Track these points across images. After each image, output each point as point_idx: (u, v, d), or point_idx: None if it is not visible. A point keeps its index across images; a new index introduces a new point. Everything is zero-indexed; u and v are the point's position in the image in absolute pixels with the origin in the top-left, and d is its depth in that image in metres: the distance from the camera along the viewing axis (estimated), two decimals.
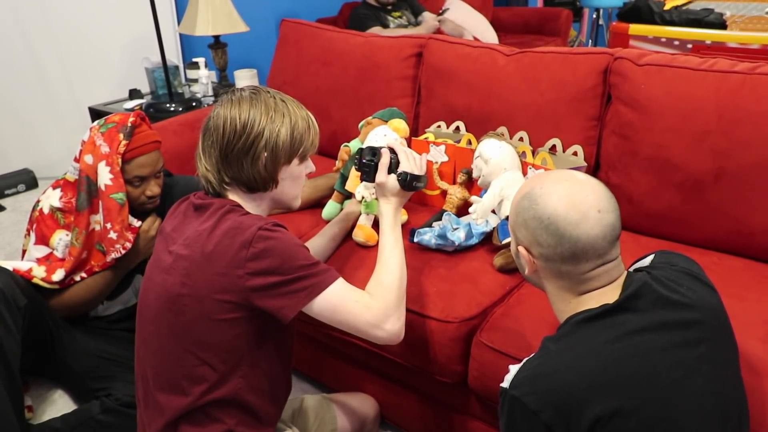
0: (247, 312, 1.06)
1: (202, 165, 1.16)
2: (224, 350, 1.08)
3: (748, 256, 1.53)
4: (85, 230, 1.60)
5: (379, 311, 1.11)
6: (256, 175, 1.14)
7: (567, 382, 0.84)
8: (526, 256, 0.97)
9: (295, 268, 1.06)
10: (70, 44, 3.10)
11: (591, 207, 0.90)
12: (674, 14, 3.00)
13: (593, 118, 1.71)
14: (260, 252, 1.04)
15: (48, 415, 1.69)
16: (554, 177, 0.96)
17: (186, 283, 1.07)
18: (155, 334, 1.12)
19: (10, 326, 1.47)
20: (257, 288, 1.04)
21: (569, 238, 0.90)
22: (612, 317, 0.89)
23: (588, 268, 0.92)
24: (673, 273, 0.97)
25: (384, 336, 1.12)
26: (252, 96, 1.15)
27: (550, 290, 0.99)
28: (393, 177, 1.27)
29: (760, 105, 1.45)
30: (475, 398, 1.41)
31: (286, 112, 1.15)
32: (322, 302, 1.08)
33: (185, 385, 1.09)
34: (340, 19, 3.36)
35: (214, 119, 1.14)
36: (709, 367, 0.87)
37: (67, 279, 1.62)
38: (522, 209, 0.96)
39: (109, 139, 1.57)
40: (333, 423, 1.38)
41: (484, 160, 1.56)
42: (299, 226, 1.78)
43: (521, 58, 1.83)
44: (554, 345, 0.90)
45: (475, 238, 1.56)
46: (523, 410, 0.84)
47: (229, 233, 1.06)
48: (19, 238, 2.67)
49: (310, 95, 2.29)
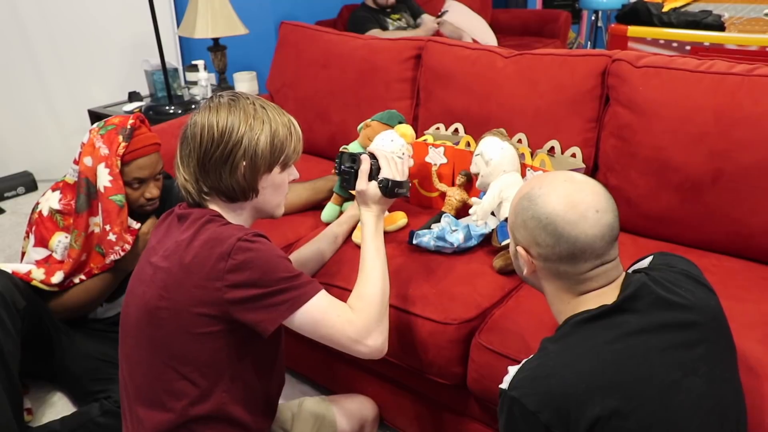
0: (226, 325, 1.04)
1: (181, 175, 1.13)
2: (204, 365, 1.05)
3: (746, 258, 1.53)
4: (85, 232, 1.60)
5: (360, 326, 1.08)
6: (235, 185, 1.10)
7: (566, 383, 0.84)
8: (525, 256, 0.97)
9: (276, 281, 1.03)
10: (69, 47, 3.10)
11: (589, 207, 0.91)
12: (672, 16, 3.01)
13: (592, 119, 1.71)
14: (239, 264, 1.01)
15: (47, 417, 1.69)
16: (553, 178, 0.96)
17: (164, 296, 1.05)
18: (135, 347, 1.10)
19: (9, 329, 1.47)
20: (236, 301, 1.02)
21: (567, 237, 0.90)
22: (611, 318, 0.89)
23: (586, 269, 0.93)
24: (672, 274, 0.97)
25: (366, 351, 1.09)
26: (230, 103, 1.11)
27: (549, 291, 1.00)
28: (374, 184, 1.23)
29: (757, 106, 1.45)
30: (475, 400, 1.41)
31: (265, 119, 1.11)
32: (304, 316, 1.05)
33: (166, 400, 1.06)
34: (339, 21, 3.36)
35: (191, 127, 1.11)
36: (707, 368, 0.87)
37: (66, 281, 1.63)
38: (521, 209, 0.96)
39: (109, 141, 1.57)
40: (332, 425, 1.38)
41: (485, 161, 1.56)
42: (298, 229, 1.78)
43: (520, 60, 1.83)
44: (553, 346, 0.91)
45: (474, 240, 1.56)
46: (523, 411, 0.84)
47: (208, 244, 1.03)
48: (19, 240, 2.68)
49: (310, 97, 2.30)
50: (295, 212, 1.85)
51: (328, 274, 1.54)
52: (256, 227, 1.15)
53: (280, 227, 1.76)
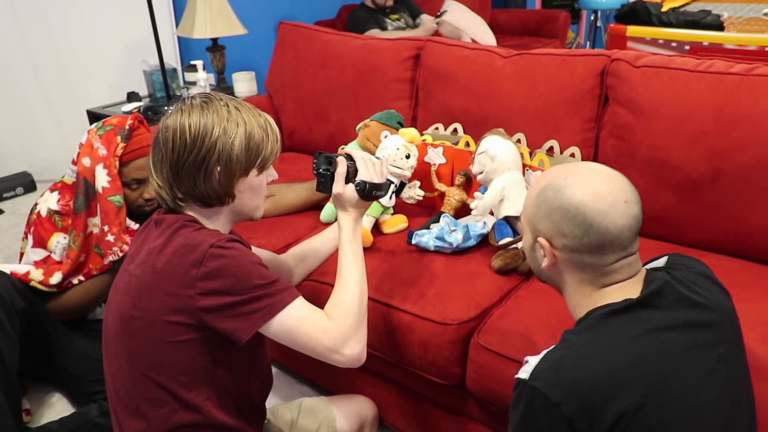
0: (201, 333, 1.01)
1: (154, 181, 1.09)
2: (181, 373, 1.03)
3: (745, 257, 1.54)
4: (83, 233, 1.60)
5: (336, 336, 1.05)
6: (210, 191, 1.06)
7: (593, 376, 0.82)
8: (548, 248, 0.94)
9: (250, 288, 1.00)
10: (68, 47, 3.10)
11: (618, 198, 0.89)
12: (672, 16, 3.01)
13: (591, 119, 1.71)
14: (212, 271, 0.98)
15: (46, 418, 1.68)
16: (578, 168, 0.94)
17: (137, 305, 1.03)
18: (114, 357, 1.09)
19: (7, 329, 1.47)
20: (209, 308, 0.99)
21: (597, 228, 0.88)
22: (635, 312, 0.88)
23: (612, 260, 0.91)
24: (691, 274, 0.97)
25: (343, 360, 1.06)
26: (203, 105, 1.06)
27: (570, 283, 0.97)
28: (351, 187, 1.18)
29: (756, 106, 1.45)
30: (474, 400, 1.41)
31: (240, 121, 1.06)
32: (279, 324, 1.02)
33: (146, 409, 1.05)
34: (338, 21, 3.36)
35: (162, 132, 1.06)
36: (725, 370, 0.87)
37: (65, 282, 1.62)
38: (545, 200, 0.93)
39: (107, 142, 1.57)
40: (332, 425, 1.37)
41: (490, 157, 1.55)
42: (297, 229, 1.78)
43: (519, 60, 1.83)
44: (577, 338, 0.89)
45: (472, 240, 1.56)
46: (545, 402, 0.82)
47: (180, 251, 1.00)
48: (18, 241, 2.67)
49: (309, 97, 2.30)
50: (294, 212, 1.85)
51: (328, 272, 1.53)
52: (253, 229, 1.13)
53: (280, 227, 1.76)
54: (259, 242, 1.60)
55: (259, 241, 1.62)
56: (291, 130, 2.41)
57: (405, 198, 1.70)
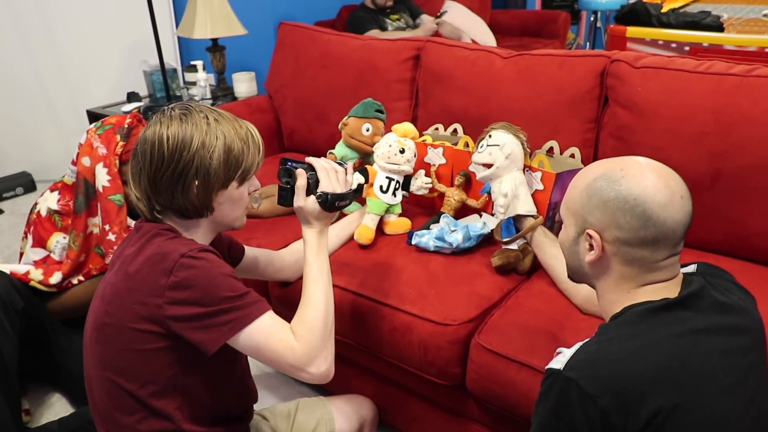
0: (171, 341, 1.01)
1: (133, 192, 1.08)
2: (150, 381, 1.03)
3: (745, 258, 1.54)
4: (83, 233, 1.60)
5: (302, 354, 1.03)
6: (188, 204, 1.05)
7: (631, 370, 0.81)
8: (598, 240, 0.92)
9: (218, 300, 0.99)
10: (68, 47, 3.10)
11: (675, 192, 0.88)
12: (671, 17, 3.01)
13: (590, 120, 1.71)
14: (181, 281, 0.97)
15: (46, 418, 1.68)
16: (632, 160, 0.93)
17: (108, 312, 1.03)
18: (90, 363, 1.09)
19: (7, 329, 1.47)
20: (177, 318, 0.98)
21: (656, 220, 0.87)
22: (674, 312, 0.87)
23: (662, 256, 0.90)
24: (723, 281, 0.97)
25: (309, 378, 1.05)
26: (182, 117, 1.04)
27: (610, 278, 0.95)
28: (312, 199, 1.14)
29: (756, 107, 1.46)
30: (474, 400, 1.41)
31: (219, 134, 1.04)
32: (246, 338, 1.01)
33: (118, 416, 1.05)
34: (338, 22, 3.36)
35: (141, 144, 1.05)
36: (754, 378, 0.87)
37: (65, 282, 1.62)
38: (598, 190, 0.91)
39: (107, 141, 1.57)
40: (331, 425, 1.37)
41: (505, 154, 1.52)
42: (297, 230, 1.76)
43: (519, 61, 1.84)
44: (615, 332, 0.88)
45: (472, 240, 1.56)
46: (580, 394, 0.80)
47: (151, 260, 1.00)
48: (17, 241, 2.67)
49: (308, 98, 2.30)
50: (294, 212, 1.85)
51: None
52: (253, 229, 1.13)
53: (280, 227, 1.76)
54: (259, 242, 1.61)
55: (259, 241, 1.62)
56: (291, 130, 2.41)
57: (415, 190, 1.70)
